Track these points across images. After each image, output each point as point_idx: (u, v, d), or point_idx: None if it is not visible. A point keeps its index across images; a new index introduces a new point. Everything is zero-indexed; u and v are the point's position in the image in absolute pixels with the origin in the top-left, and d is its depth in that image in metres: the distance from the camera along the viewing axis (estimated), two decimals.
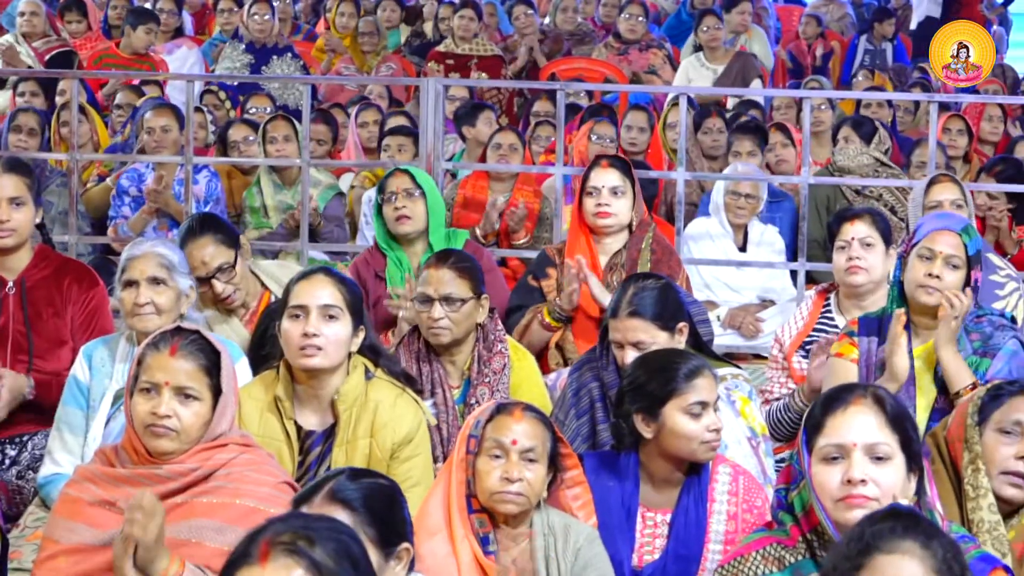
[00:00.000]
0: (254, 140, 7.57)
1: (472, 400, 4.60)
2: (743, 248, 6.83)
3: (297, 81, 9.46)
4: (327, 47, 10.79)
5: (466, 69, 10.20)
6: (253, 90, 9.13)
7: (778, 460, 4.60)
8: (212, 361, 3.47)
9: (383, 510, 3.02)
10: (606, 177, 5.44)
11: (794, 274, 6.60)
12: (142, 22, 9.64)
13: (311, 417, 4.05)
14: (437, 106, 6.75)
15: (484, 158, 7.37)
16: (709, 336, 4.79)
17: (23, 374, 4.78)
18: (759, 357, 6.13)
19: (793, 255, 6.75)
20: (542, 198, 7.19)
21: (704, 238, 6.81)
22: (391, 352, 4.57)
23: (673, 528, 3.80)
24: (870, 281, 5.02)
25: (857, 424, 3.00)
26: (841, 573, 2.54)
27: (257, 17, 10.00)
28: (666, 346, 4.22)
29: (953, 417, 3.67)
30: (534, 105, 8.97)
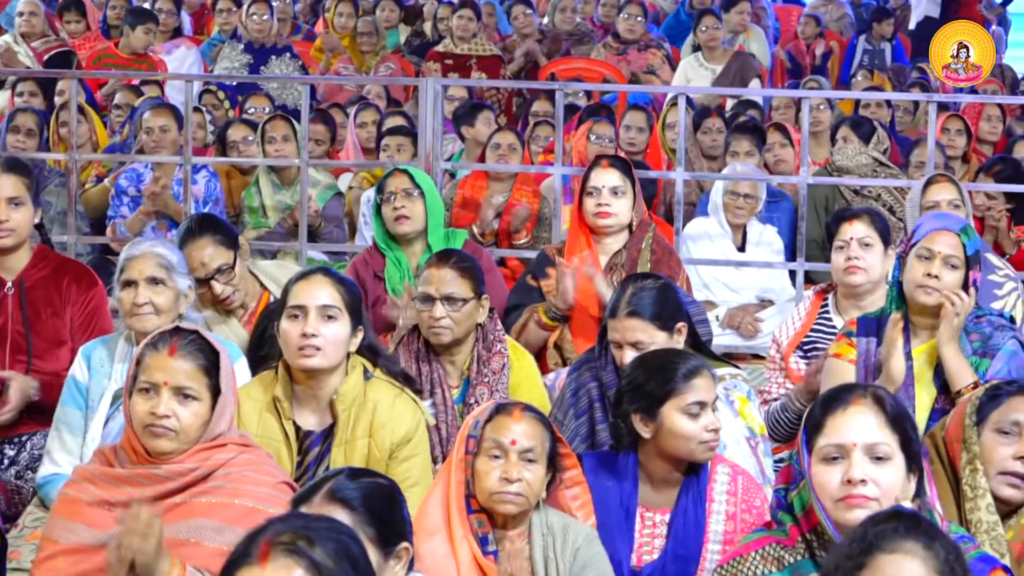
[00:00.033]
0: (253, 140, 7.56)
1: (471, 400, 4.59)
2: (742, 248, 6.83)
3: (296, 81, 9.45)
4: (325, 47, 10.79)
5: (465, 69, 10.19)
6: (252, 90, 9.13)
7: (777, 460, 4.60)
8: (211, 361, 3.47)
9: (382, 509, 3.02)
10: (606, 177, 5.43)
11: (793, 274, 6.59)
12: (141, 22, 9.63)
13: (310, 417, 4.05)
14: (436, 106, 6.75)
15: (483, 158, 7.37)
16: (708, 336, 4.78)
17: (25, 375, 4.78)
18: (758, 357, 6.13)
19: (792, 255, 6.75)
20: (541, 198, 7.19)
21: (703, 238, 6.81)
22: (390, 352, 4.56)
23: (672, 528, 3.79)
24: (868, 281, 5.02)
25: (857, 424, 3.00)
26: (843, 572, 2.54)
27: (256, 17, 9.99)
28: (665, 346, 4.22)
29: (951, 417, 3.67)
30: (533, 105, 8.97)
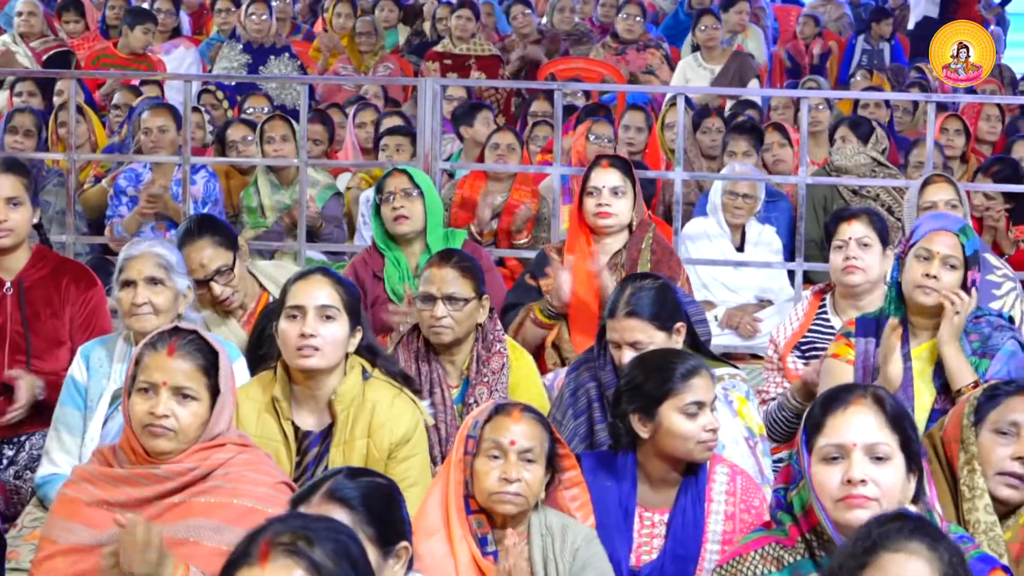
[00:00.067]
0: (252, 140, 7.56)
1: (470, 400, 4.59)
2: (740, 248, 6.83)
3: (295, 81, 9.45)
4: (324, 47, 10.79)
5: (464, 69, 10.19)
6: (251, 90, 9.13)
7: (775, 460, 4.59)
8: (210, 361, 3.46)
9: (381, 509, 3.02)
10: (607, 177, 5.43)
11: (791, 274, 6.60)
12: (140, 22, 9.63)
13: (308, 417, 4.05)
14: (435, 106, 6.75)
15: (482, 158, 7.36)
16: (707, 336, 4.78)
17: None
18: (757, 357, 6.13)
19: (790, 255, 6.75)
20: (540, 198, 7.19)
21: (702, 238, 6.81)
22: (389, 352, 4.56)
23: (671, 528, 3.79)
24: (867, 281, 5.01)
25: (857, 424, 3.00)
26: (846, 571, 2.54)
27: (255, 17, 9.99)
28: (663, 346, 4.22)
29: (949, 418, 3.67)
30: (532, 105, 8.97)
